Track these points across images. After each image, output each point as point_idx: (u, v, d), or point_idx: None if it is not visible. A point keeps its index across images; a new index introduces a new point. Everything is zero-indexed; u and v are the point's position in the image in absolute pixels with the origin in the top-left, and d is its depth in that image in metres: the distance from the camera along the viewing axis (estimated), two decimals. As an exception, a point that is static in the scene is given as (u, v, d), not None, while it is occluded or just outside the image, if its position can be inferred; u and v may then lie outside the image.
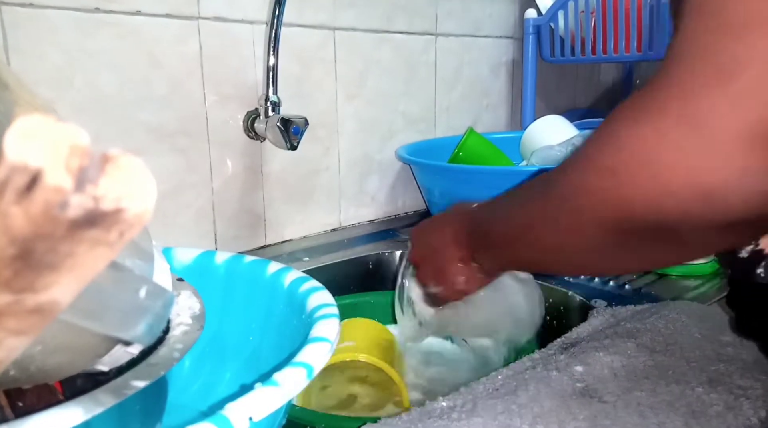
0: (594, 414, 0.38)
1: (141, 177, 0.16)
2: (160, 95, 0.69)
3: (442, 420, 0.38)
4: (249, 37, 0.76)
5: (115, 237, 0.16)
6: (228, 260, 0.50)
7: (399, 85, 0.96)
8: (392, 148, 0.96)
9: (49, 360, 0.24)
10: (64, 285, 0.17)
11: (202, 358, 0.49)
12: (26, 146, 0.14)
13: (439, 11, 1.00)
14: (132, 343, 0.26)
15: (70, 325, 0.21)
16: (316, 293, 0.43)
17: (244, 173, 0.78)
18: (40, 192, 0.14)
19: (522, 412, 0.38)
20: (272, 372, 0.31)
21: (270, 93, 0.73)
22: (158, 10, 0.67)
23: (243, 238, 0.80)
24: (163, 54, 0.69)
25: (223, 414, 0.27)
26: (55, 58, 0.61)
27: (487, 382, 0.44)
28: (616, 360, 0.44)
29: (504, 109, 1.17)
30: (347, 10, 0.86)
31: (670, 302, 0.56)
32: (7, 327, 0.17)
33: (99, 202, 0.15)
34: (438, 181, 0.86)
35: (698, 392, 0.40)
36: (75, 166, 0.15)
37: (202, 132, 0.73)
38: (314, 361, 0.33)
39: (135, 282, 0.25)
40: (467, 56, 1.07)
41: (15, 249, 0.15)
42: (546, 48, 1.08)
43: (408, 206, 1.02)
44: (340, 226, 0.92)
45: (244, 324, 0.49)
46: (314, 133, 0.84)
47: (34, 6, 0.59)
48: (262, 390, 0.29)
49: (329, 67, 0.86)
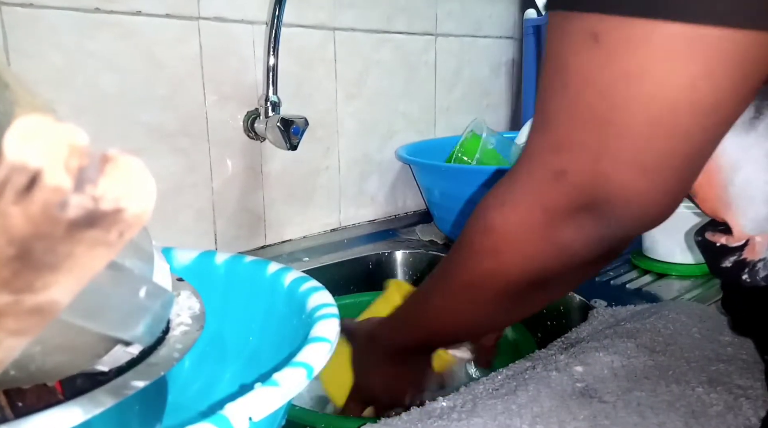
0: (594, 414, 0.38)
1: (140, 177, 0.16)
2: (160, 95, 0.69)
3: (442, 420, 0.38)
4: (249, 37, 0.76)
5: (115, 237, 0.16)
6: (228, 261, 0.50)
7: (399, 85, 0.96)
8: (392, 148, 0.96)
9: (49, 360, 0.24)
10: (63, 285, 0.17)
11: (202, 358, 0.49)
12: (26, 146, 0.14)
13: (439, 11, 1.00)
14: (132, 343, 0.26)
15: (70, 325, 0.21)
16: (316, 293, 0.43)
17: (244, 173, 0.78)
18: (39, 192, 0.14)
19: (522, 412, 0.38)
20: (272, 372, 0.31)
21: (270, 93, 0.73)
22: (158, 11, 0.67)
23: (243, 238, 0.80)
24: (163, 54, 0.69)
25: (223, 414, 0.27)
26: (55, 58, 0.61)
27: (487, 382, 0.44)
28: (616, 360, 0.44)
29: (504, 109, 1.17)
30: (347, 10, 0.86)
31: (670, 302, 0.56)
32: (6, 327, 0.17)
33: (98, 202, 0.15)
34: (438, 181, 0.86)
35: (698, 392, 0.40)
36: (74, 166, 0.15)
37: (202, 132, 0.73)
38: (314, 361, 0.33)
39: (135, 282, 0.25)
40: (467, 56, 1.07)
41: (14, 249, 0.15)
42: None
43: (408, 206, 1.02)
44: (340, 226, 0.92)
45: (244, 324, 0.49)
46: (314, 133, 0.84)
47: (34, 6, 0.59)
48: (262, 390, 0.29)
49: (329, 67, 0.86)
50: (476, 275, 0.38)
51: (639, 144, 0.29)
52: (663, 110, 0.28)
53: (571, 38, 0.30)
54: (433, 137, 1.03)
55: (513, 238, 0.35)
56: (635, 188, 0.30)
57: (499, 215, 0.35)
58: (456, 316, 0.43)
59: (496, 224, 0.35)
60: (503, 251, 0.36)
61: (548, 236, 0.34)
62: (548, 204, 0.33)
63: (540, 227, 0.33)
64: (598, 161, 0.30)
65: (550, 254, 0.35)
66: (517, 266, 0.36)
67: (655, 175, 0.30)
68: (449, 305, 0.42)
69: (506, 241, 0.35)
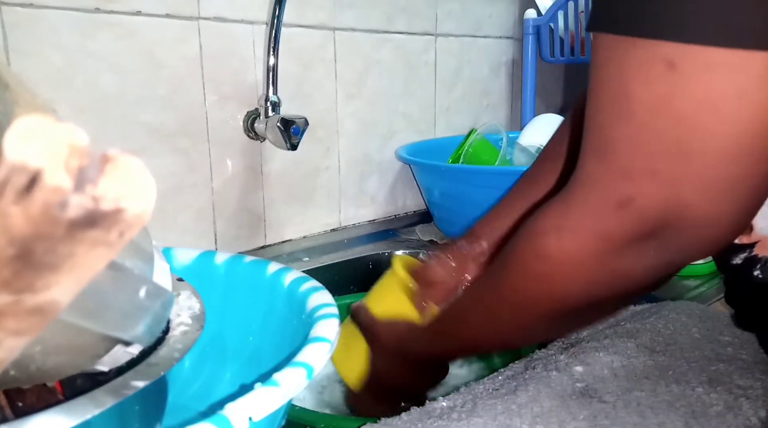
0: (594, 414, 0.38)
1: (140, 177, 0.16)
2: (161, 95, 0.69)
3: (442, 420, 0.38)
4: (249, 37, 0.76)
5: (115, 237, 0.16)
6: (228, 261, 0.50)
7: (399, 85, 0.96)
8: (392, 148, 0.96)
9: (49, 360, 0.24)
10: (63, 285, 0.17)
11: (202, 358, 0.49)
12: (26, 147, 0.14)
13: (439, 11, 1.00)
14: (132, 343, 0.26)
15: (70, 325, 0.21)
16: (316, 293, 0.43)
17: (244, 173, 0.78)
18: (39, 192, 0.14)
19: (522, 412, 0.38)
20: (272, 372, 0.31)
21: (270, 93, 0.73)
22: (158, 11, 0.67)
23: (243, 238, 0.80)
24: (164, 54, 0.69)
25: (223, 414, 0.27)
26: (55, 58, 0.61)
27: (487, 382, 0.44)
28: (616, 360, 0.44)
29: (504, 109, 1.17)
30: (347, 10, 0.86)
31: (670, 302, 0.56)
32: (6, 327, 0.17)
33: (98, 202, 0.15)
34: (438, 181, 0.86)
35: (698, 392, 0.40)
36: (74, 166, 0.15)
37: (202, 132, 0.73)
38: (314, 361, 0.33)
39: (135, 282, 0.25)
40: (467, 56, 1.07)
41: (14, 249, 0.15)
42: (546, 48, 1.08)
43: (408, 206, 1.02)
44: (340, 226, 0.92)
45: (244, 324, 0.49)
46: (314, 133, 0.84)
47: (34, 6, 0.59)
48: (262, 390, 0.29)
49: (329, 68, 0.86)
50: (527, 298, 0.38)
51: (716, 170, 0.29)
52: (742, 136, 0.28)
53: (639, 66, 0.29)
54: (433, 137, 1.03)
55: (569, 265, 0.34)
56: (709, 213, 0.30)
57: (555, 242, 0.34)
58: (497, 335, 0.43)
59: (550, 250, 0.34)
60: (558, 278, 0.35)
61: (607, 264, 0.33)
62: (608, 232, 0.32)
63: (599, 255, 0.33)
64: (670, 188, 0.30)
65: (607, 281, 0.34)
66: (571, 292, 0.36)
67: (729, 200, 0.30)
68: (491, 324, 0.42)
69: (562, 268, 0.35)
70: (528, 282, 0.37)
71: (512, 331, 0.42)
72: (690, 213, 0.30)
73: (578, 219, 0.33)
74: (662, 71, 0.28)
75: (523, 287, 0.37)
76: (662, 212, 0.30)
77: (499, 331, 0.42)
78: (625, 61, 0.30)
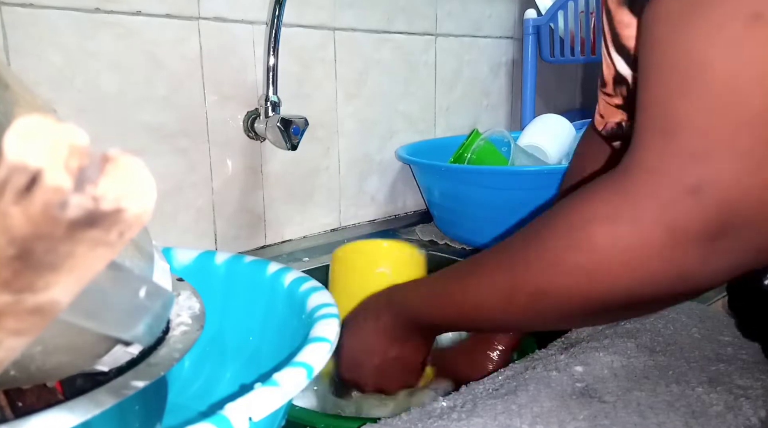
0: (594, 414, 0.38)
1: (141, 177, 0.16)
2: (161, 95, 0.69)
3: (442, 420, 0.38)
4: (249, 37, 0.76)
5: (115, 237, 0.16)
6: (228, 260, 0.50)
7: (399, 85, 0.96)
8: (392, 148, 0.96)
9: (49, 360, 0.24)
10: (63, 285, 0.17)
11: (202, 358, 0.49)
12: (26, 146, 0.14)
13: (439, 11, 1.00)
14: (132, 343, 0.26)
15: (70, 325, 0.21)
16: (316, 293, 0.43)
17: (244, 173, 0.78)
18: (39, 192, 0.14)
19: (522, 412, 0.38)
20: (272, 372, 0.31)
21: (270, 93, 0.73)
22: (158, 11, 0.67)
23: (243, 238, 0.80)
24: (164, 54, 0.69)
25: (223, 414, 0.27)
26: (55, 58, 0.61)
27: (487, 382, 0.44)
28: (616, 360, 0.44)
29: (504, 109, 1.17)
30: (347, 10, 0.86)
31: (670, 303, 0.56)
32: (6, 327, 0.17)
33: (98, 202, 0.15)
34: (438, 181, 0.86)
35: (698, 392, 0.40)
36: (74, 166, 0.15)
37: (202, 132, 0.73)
38: (314, 361, 0.33)
39: (135, 282, 0.25)
40: (467, 56, 1.07)
41: (15, 249, 0.15)
42: (546, 48, 1.08)
43: (408, 206, 1.02)
44: (340, 226, 0.92)
45: (244, 324, 0.49)
46: (314, 133, 0.84)
47: (34, 6, 0.59)
48: (262, 390, 0.29)
49: (329, 68, 0.86)
50: (553, 293, 0.33)
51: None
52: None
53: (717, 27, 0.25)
54: (433, 137, 1.03)
55: (624, 260, 0.29)
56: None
57: (608, 233, 0.30)
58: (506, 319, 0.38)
59: (600, 241, 0.30)
60: (601, 274, 0.31)
61: (671, 260, 0.28)
62: (677, 223, 0.27)
63: (663, 249, 0.28)
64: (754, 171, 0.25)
65: (667, 279, 0.30)
66: (614, 291, 0.31)
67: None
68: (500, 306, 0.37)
69: (609, 263, 0.30)
70: (558, 276, 0.33)
71: (526, 321, 0.38)
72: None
73: (641, 208, 0.28)
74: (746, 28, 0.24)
75: (552, 280, 0.33)
76: (742, 200, 0.26)
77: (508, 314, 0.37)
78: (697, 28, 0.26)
